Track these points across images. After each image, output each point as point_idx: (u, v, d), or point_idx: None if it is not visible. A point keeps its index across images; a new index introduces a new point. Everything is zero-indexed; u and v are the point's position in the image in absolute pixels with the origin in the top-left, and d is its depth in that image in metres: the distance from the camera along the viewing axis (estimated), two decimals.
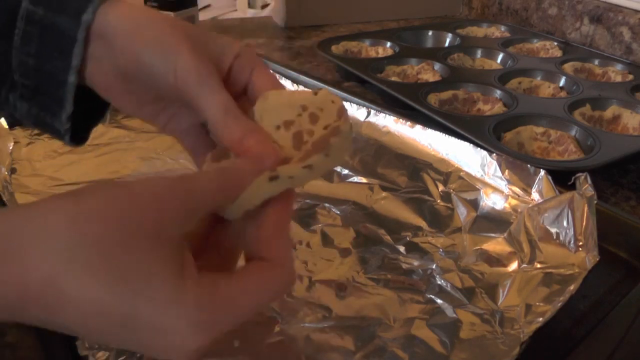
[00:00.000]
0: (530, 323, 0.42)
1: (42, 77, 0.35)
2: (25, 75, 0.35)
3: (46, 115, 0.36)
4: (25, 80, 0.35)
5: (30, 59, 0.34)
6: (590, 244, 0.48)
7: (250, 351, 0.41)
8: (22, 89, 0.36)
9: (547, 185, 0.56)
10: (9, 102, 0.37)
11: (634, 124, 0.75)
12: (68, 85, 0.34)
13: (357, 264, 0.50)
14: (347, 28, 1.26)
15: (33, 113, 0.36)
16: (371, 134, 0.70)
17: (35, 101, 0.36)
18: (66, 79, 0.34)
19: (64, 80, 0.34)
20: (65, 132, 0.37)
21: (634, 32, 1.00)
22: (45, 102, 0.36)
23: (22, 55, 0.34)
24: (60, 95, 0.35)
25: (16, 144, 0.68)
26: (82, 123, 0.38)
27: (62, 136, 0.37)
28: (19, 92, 0.36)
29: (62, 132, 0.37)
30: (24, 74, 0.35)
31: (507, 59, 0.97)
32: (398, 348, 0.42)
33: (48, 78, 0.35)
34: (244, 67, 0.35)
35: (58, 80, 0.34)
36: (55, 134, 0.37)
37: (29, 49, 0.34)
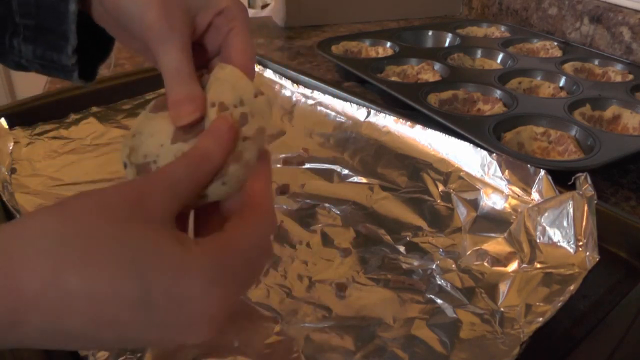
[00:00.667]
0: (530, 323, 0.42)
1: (43, 12, 0.35)
2: (27, 14, 0.35)
3: (52, 52, 0.37)
4: (28, 20, 0.36)
5: None
6: (590, 244, 0.48)
7: (250, 351, 0.41)
8: (25, 31, 0.36)
9: (547, 185, 0.56)
10: (13, 48, 0.37)
11: (634, 123, 0.75)
12: (70, 15, 0.35)
13: (357, 264, 0.50)
14: (347, 28, 1.26)
15: (38, 54, 0.37)
16: (371, 134, 0.70)
17: (39, 41, 0.36)
18: (67, 9, 0.35)
19: (66, 11, 0.35)
20: (73, 68, 0.37)
21: (634, 32, 1.00)
22: (49, 39, 0.36)
23: None
24: (63, 28, 0.35)
25: (16, 144, 0.68)
26: (89, 62, 0.39)
27: (70, 73, 0.38)
28: (22, 36, 0.36)
29: (70, 68, 0.37)
30: (25, 14, 0.35)
31: (507, 59, 0.97)
32: (398, 348, 0.42)
33: (49, 12, 0.35)
34: (223, 25, 0.34)
35: (59, 12, 0.35)
36: (63, 71, 0.38)
37: None
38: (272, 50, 1.11)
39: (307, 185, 0.62)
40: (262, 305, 0.45)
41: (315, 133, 0.72)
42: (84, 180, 0.62)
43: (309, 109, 0.76)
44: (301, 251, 0.52)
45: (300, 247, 0.52)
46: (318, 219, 0.57)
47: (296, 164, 0.66)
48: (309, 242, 0.53)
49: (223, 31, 0.34)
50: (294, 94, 0.79)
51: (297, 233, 0.54)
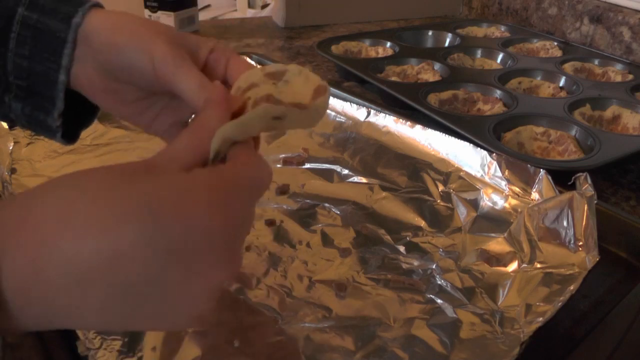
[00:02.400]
0: (530, 323, 0.42)
1: (35, 77, 0.38)
2: (20, 76, 0.38)
3: (39, 113, 0.39)
4: (20, 81, 0.38)
5: (24, 60, 0.37)
6: (590, 244, 0.48)
7: (250, 351, 0.41)
8: (17, 90, 0.38)
9: (547, 185, 0.56)
10: (4, 103, 0.39)
11: (633, 123, 0.75)
12: (59, 84, 0.37)
13: (357, 264, 0.50)
14: (347, 28, 1.26)
15: (27, 112, 0.39)
16: (371, 134, 0.70)
17: (29, 100, 0.39)
18: (57, 78, 0.37)
19: (55, 79, 0.37)
20: (57, 129, 0.40)
21: (634, 32, 1.00)
22: (38, 101, 0.38)
23: (16, 58, 0.37)
24: (52, 93, 0.38)
25: (16, 144, 0.68)
26: (73, 124, 0.41)
27: (54, 133, 0.40)
28: (13, 93, 0.39)
29: (54, 129, 0.39)
30: (18, 76, 0.38)
31: (507, 58, 0.97)
32: (398, 348, 0.42)
33: (40, 78, 0.38)
34: (219, 59, 0.37)
35: (50, 80, 0.37)
36: (47, 131, 0.40)
37: (23, 51, 0.37)
38: (272, 50, 1.11)
39: (307, 185, 0.62)
40: (262, 305, 0.45)
41: (315, 133, 0.72)
42: None
43: None
44: (301, 251, 0.52)
45: (300, 247, 0.52)
46: (318, 219, 0.57)
47: (296, 164, 0.66)
48: (309, 242, 0.53)
49: (221, 64, 0.37)
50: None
51: (297, 233, 0.54)
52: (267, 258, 0.51)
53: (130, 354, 0.40)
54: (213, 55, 0.37)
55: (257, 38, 1.18)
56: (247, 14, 2.02)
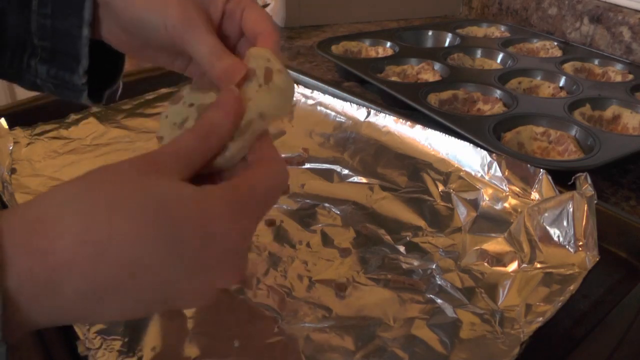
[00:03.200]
0: (530, 323, 0.42)
1: (58, 35, 0.39)
2: (44, 36, 0.39)
3: (65, 73, 0.40)
4: (44, 42, 0.39)
5: (47, 20, 0.38)
6: (590, 244, 0.48)
7: (250, 351, 0.41)
8: (42, 52, 0.40)
9: (547, 185, 0.56)
10: (30, 68, 0.40)
11: (633, 123, 0.75)
12: (82, 39, 0.38)
13: (357, 264, 0.50)
14: (347, 28, 1.26)
15: (52, 74, 0.40)
16: (371, 134, 0.70)
17: (54, 62, 0.40)
18: (80, 34, 0.38)
19: (79, 35, 0.38)
20: (83, 88, 0.40)
21: (634, 32, 1.00)
22: (63, 60, 0.39)
23: (40, 18, 0.38)
24: (76, 50, 0.39)
25: (16, 144, 0.68)
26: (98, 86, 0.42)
27: (80, 93, 0.41)
28: (38, 56, 0.40)
29: (80, 88, 0.40)
30: (42, 36, 0.39)
31: (507, 58, 0.97)
32: (398, 348, 0.42)
33: (64, 35, 0.39)
34: (235, 10, 0.37)
35: (73, 36, 0.38)
36: (73, 91, 0.41)
37: (46, 10, 0.38)
38: None
39: (307, 185, 0.62)
40: (262, 305, 0.45)
41: (315, 133, 0.72)
42: None
43: (309, 109, 0.76)
44: (301, 251, 0.52)
45: (300, 247, 0.52)
46: (318, 219, 0.57)
47: (296, 164, 0.66)
48: (309, 242, 0.53)
49: (237, 15, 0.37)
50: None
51: (297, 233, 0.54)
52: (267, 258, 0.51)
53: (130, 354, 0.40)
54: (229, 6, 0.38)
55: None
56: None
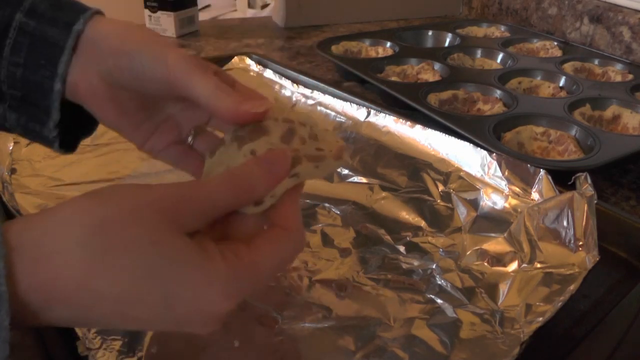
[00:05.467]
0: (530, 323, 0.42)
1: (29, 86, 0.36)
2: (13, 85, 0.37)
3: (35, 124, 0.38)
4: (13, 90, 0.37)
5: (18, 69, 0.36)
6: (590, 244, 0.48)
7: (250, 351, 0.41)
8: (11, 99, 0.37)
9: (547, 185, 0.56)
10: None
11: (633, 123, 0.75)
12: (54, 94, 0.36)
13: (357, 264, 0.50)
14: (347, 28, 1.26)
15: (22, 122, 0.38)
16: (371, 134, 0.70)
17: (23, 110, 0.38)
18: (52, 87, 0.36)
19: (50, 89, 0.36)
20: (54, 140, 0.38)
21: (634, 32, 1.00)
22: (33, 111, 0.37)
23: (10, 66, 0.36)
24: (47, 104, 0.37)
25: (16, 144, 0.67)
26: (72, 134, 0.40)
27: (51, 143, 0.39)
28: (7, 103, 0.38)
29: (51, 140, 0.38)
30: (12, 85, 0.37)
31: (507, 58, 0.97)
32: (398, 348, 0.42)
33: (35, 87, 0.36)
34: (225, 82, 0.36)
35: (44, 89, 0.36)
36: (44, 141, 0.39)
37: (18, 59, 0.36)
38: (272, 50, 1.11)
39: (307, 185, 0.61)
40: (262, 305, 0.45)
41: None
42: (84, 180, 0.62)
43: (309, 109, 0.76)
44: None
45: None
46: (318, 219, 0.57)
47: None
48: (309, 242, 0.53)
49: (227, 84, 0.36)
50: (294, 94, 0.79)
51: None
52: None
53: (130, 354, 0.40)
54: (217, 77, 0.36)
55: (257, 38, 1.18)
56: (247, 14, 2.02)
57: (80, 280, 0.25)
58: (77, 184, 0.62)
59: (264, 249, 0.29)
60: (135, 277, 0.25)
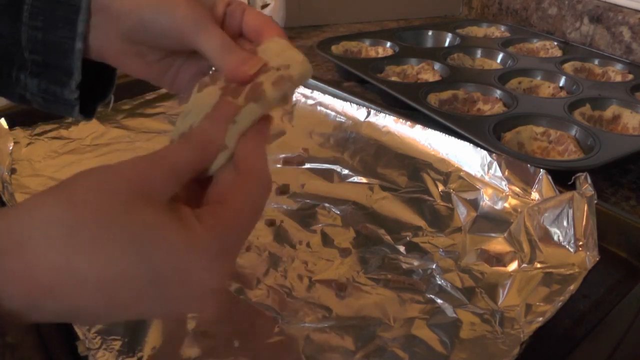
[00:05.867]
0: (530, 323, 0.42)
1: (50, 48, 0.37)
2: (35, 50, 0.38)
3: (56, 87, 0.39)
4: (35, 55, 0.38)
5: (38, 32, 0.37)
6: (590, 244, 0.48)
7: (250, 351, 0.41)
8: (32, 65, 0.38)
9: (547, 185, 0.56)
10: (19, 81, 0.39)
11: (633, 123, 0.75)
12: (75, 53, 0.37)
13: (357, 264, 0.50)
14: (347, 28, 1.26)
15: (42, 87, 0.39)
16: (371, 134, 0.70)
17: (44, 75, 0.38)
18: (73, 47, 0.37)
19: (71, 49, 0.37)
20: (75, 103, 0.39)
21: (634, 31, 1.00)
22: (54, 74, 0.38)
23: (30, 30, 0.37)
24: (68, 64, 0.38)
25: (16, 144, 0.68)
26: (89, 100, 0.41)
27: (71, 108, 0.40)
28: (28, 70, 0.38)
29: (72, 103, 0.39)
30: (33, 49, 0.38)
31: (507, 58, 0.97)
32: (398, 348, 0.42)
33: (56, 49, 0.37)
34: (236, 10, 0.38)
35: (65, 49, 0.37)
36: (64, 105, 0.40)
37: (37, 22, 0.37)
38: None
39: (307, 185, 0.62)
40: (262, 305, 0.45)
41: (315, 133, 0.72)
42: None
43: (309, 109, 0.76)
44: (301, 251, 0.52)
45: (300, 247, 0.52)
46: (318, 219, 0.57)
47: (296, 164, 0.66)
48: (309, 242, 0.53)
49: (237, 15, 0.38)
50: (294, 94, 0.79)
51: (297, 233, 0.54)
52: (267, 258, 0.51)
53: (130, 354, 0.40)
54: (230, 8, 0.38)
55: None
56: None
57: (58, 262, 0.24)
58: None
59: (236, 202, 0.29)
60: (114, 252, 0.24)
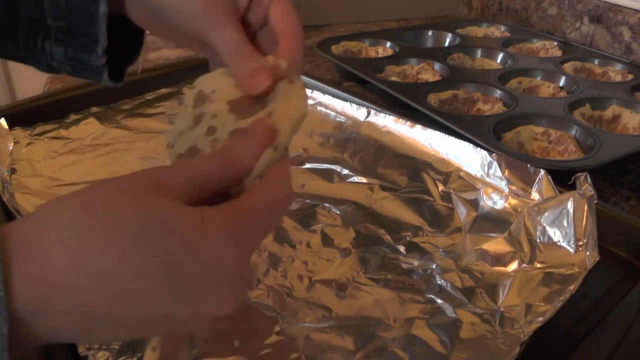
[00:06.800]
0: (530, 323, 0.42)
1: (74, 14, 0.37)
2: (58, 16, 0.37)
3: (83, 54, 0.38)
4: (59, 22, 0.37)
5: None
6: (590, 244, 0.48)
7: (250, 351, 0.41)
8: (57, 32, 0.38)
9: (547, 185, 0.56)
10: (45, 50, 0.38)
11: (633, 123, 0.75)
12: (100, 16, 0.36)
13: (357, 264, 0.50)
14: (347, 28, 1.26)
15: (69, 55, 0.38)
16: (371, 134, 0.70)
17: (70, 42, 0.38)
18: (97, 11, 0.36)
19: (95, 13, 0.36)
20: (103, 69, 0.38)
21: (634, 31, 1.00)
22: (80, 40, 0.38)
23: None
24: (93, 29, 0.37)
25: (16, 144, 0.68)
26: (117, 65, 0.40)
27: (100, 74, 0.39)
28: (53, 38, 0.38)
29: (100, 69, 0.38)
30: (57, 16, 0.37)
31: (507, 58, 0.97)
32: (398, 348, 0.42)
33: (80, 14, 0.36)
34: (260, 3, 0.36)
35: (90, 14, 0.36)
36: (93, 72, 0.39)
37: None
38: None
39: (307, 185, 0.62)
40: (262, 305, 0.45)
41: (315, 133, 0.72)
42: (84, 180, 0.62)
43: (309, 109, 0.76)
44: (301, 251, 0.52)
45: (300, 247, 0.52)
46: (318, 219, 0.57)
47: (296, 164, 0.66)
48: (309, 242, 0.53)
49: (264, 3, 0.36)
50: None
51: (297, 233, 0.54)
52: (267, 258, 0.51)
53: (130, 354, 0.40)
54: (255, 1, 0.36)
55: None
56: None
57: (72, 261, 0.23)
58: (77, 184, 0.62)
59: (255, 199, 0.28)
60: (127, 247, 0.24)
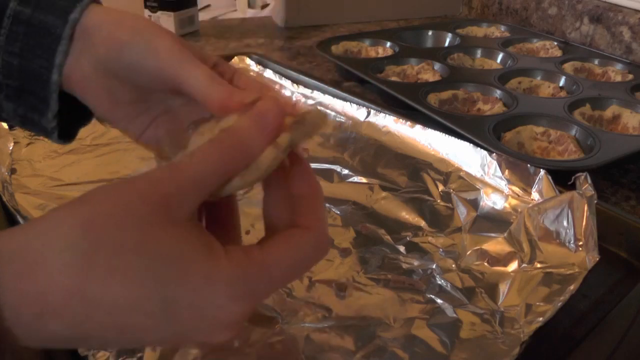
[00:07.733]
0: (530, 323, 0.42)
1: (26, 76, 0.35)
2: (10, 75, 0.36)
3: (33, 114, 0.37)
4: (10, 80, 0.36)
5: (14, 58, 0.35)
6: (590, 244, 0.48)
7: (250, 351, 0.41)
8: (7, 89, 0.36)
9: (547, 185, 0.56)
10: None
11: (633, 123, 0.75)
12: (52, 84, 0.35)
13: (357, 264, 0.50)
14: (347, 28, 1.26)
15: (19, 113, 0.37)
16: (371, 134, 0.70)
17: (21, 101, 0.36)
18: (50, 78, 0.35)
19: (48, 79, 0.35)
20: (52, 130, 0.37)
21: (634, 31, 1.00)
22: (30, 101, 0.36)
23: (6, 55, 0.35)
24: (45, 94, 0.35)
25: (16, 144, 0.67)
26: (70, 122, 0.39)
27: (50, 134, 0.38)
28: (4, 93, 0.36)
29: (50, 130, 0.37)
30: (8, 75, 0.36)
31: (507, 58, 0.97)
32: (398, 348, 0.42)
33: (32, 77, 0.35)
34: (225, 72, 0.35)
35: (42, 79, 0.35)
36: (42, 132, 0.38)
37: (14, 48, 0.35)
38: (272, 50, 1.11)
39: None
40: (262, 305, 0.45)
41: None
42: (84, 180, 0.62)
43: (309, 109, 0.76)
44: None
45: None
46: None
47: None
48: None
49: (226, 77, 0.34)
50: (294, 94, 0.79)
51: None
52: None
53: (130, 354, 0.40)
54: (216, 69, 0.35)
55: (257, 38, 1.18)
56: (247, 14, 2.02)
57: (71, 288, 0.23)
58: (77, 184, 0.62)
59: (278, 249, 0.27)
60: (129, 281, 0.23)
